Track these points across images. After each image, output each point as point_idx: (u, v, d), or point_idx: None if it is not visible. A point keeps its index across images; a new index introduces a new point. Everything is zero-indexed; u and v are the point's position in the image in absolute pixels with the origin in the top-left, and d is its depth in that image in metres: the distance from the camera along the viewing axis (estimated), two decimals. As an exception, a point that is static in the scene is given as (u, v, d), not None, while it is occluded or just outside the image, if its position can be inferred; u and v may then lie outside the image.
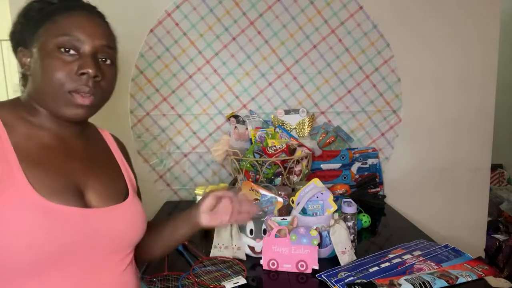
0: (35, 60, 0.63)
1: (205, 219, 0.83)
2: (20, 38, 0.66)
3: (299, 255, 1.04)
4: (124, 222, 0.68)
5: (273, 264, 1.05)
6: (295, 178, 1.46)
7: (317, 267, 1.03)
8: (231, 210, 0.85)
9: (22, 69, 0.66)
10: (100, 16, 0.69)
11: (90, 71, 0.62)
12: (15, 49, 0.67)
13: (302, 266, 1.04)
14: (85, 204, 0.64)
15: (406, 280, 0.90)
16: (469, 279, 0.93)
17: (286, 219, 1.13)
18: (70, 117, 0.65)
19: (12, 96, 0.70)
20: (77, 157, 0.68)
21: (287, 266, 1.05)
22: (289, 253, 1.05)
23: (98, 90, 0.65)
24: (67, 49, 0.62)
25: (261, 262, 1.06)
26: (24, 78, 0.69)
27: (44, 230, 0.56)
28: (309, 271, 1.03)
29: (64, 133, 0.68)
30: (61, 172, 0.63)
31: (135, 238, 0.71)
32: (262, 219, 1.13)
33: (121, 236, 0.67)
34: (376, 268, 1.00)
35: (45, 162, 0.62)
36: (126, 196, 0.72)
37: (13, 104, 0.66)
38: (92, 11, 0.69)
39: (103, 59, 0.67)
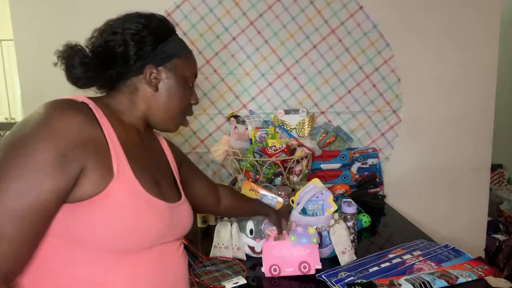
0: (169, 83, 0.73)
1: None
2: (151, 55, 0.70)
3: (300, 257, 1.03)
4: (186, 214, 0.79)
5: (275, 270, 1.03)
6: (295, 178, 1.46)
7: (320, 267, 1.02)
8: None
9: (147, 83, 0.71)
10: None
11: (198, 103, 0.82)
12: (137, 58, 0.69)
13: (305, 267, 1.02)
14: (165, 199, 0.70)
15: (406, 280, 0.90)
16: (469, 279, 0.93)
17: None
18: (171, 131, 0.80)
19: (11, 94, 0.68)
20: (151, 156, 0.77)
21: (289, 270, 1.02)
22: (290, 256, 1.03)
23: None
24: (190, 83, 0.79)
25: (263, 269, 1.03)
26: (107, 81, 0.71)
27: (147, 218, 0.65)
28: (312, 272, 1.01)
29: (143, 134, 0.76)
30: (149, 168, 0.71)
31: (190, 228, 0.82)
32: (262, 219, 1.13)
33: (186, 226, 0.79)
34: (376, 268, 1.00)
35: (139, 158, 0.69)
36: (178, 194, 0.81)
37: (103, 102, 0.70)
38: None
39: None
